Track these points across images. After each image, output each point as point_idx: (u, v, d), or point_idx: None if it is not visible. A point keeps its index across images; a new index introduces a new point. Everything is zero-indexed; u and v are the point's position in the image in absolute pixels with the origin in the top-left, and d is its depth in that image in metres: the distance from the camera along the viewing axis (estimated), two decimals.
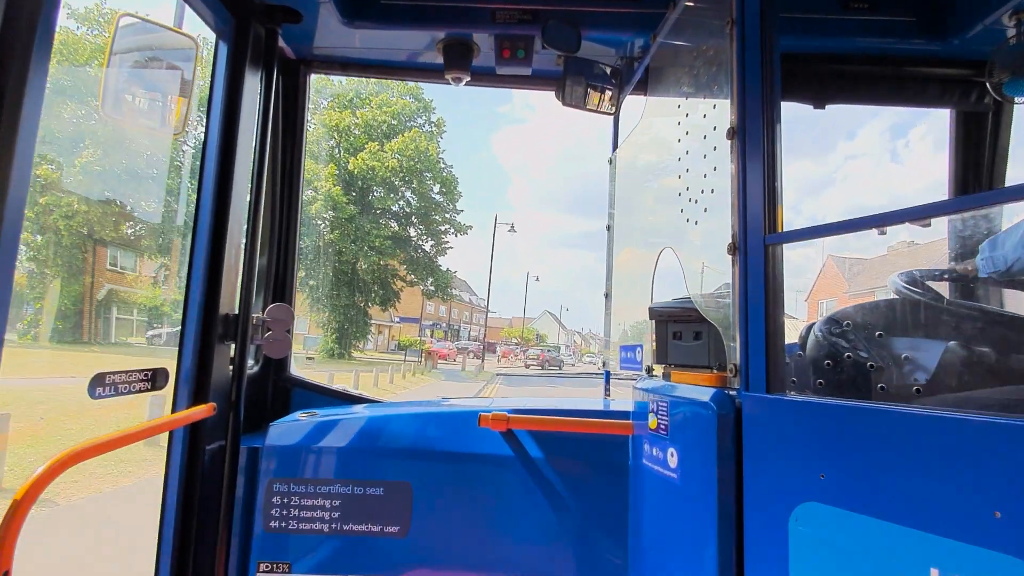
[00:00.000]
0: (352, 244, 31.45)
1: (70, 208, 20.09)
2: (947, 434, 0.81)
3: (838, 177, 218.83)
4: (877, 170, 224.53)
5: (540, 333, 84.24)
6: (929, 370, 1.18)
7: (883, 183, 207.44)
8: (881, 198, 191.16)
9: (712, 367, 1.46)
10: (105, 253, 22.06)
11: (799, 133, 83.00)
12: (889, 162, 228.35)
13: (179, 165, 20.68)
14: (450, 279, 38.74)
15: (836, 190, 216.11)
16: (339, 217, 30.67)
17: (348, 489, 1.85)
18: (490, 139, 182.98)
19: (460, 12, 2.05)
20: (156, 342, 22.07)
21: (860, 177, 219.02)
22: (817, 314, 29.83)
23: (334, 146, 34.19)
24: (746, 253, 1.22)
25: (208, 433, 1.77)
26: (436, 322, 69.76)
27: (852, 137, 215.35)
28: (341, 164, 32.82)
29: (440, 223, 36.72)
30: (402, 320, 58.58)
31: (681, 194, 1.60)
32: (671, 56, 1.82)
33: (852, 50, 2.09)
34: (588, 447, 1.87)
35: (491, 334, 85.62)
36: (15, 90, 0.94)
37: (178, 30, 1.96)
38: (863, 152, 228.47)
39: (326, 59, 2.31)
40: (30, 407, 9.62)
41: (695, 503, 1.30)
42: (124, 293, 22.83)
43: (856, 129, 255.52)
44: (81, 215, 20.40)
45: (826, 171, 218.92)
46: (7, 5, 0.93)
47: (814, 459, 1.01)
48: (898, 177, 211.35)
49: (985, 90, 2.05)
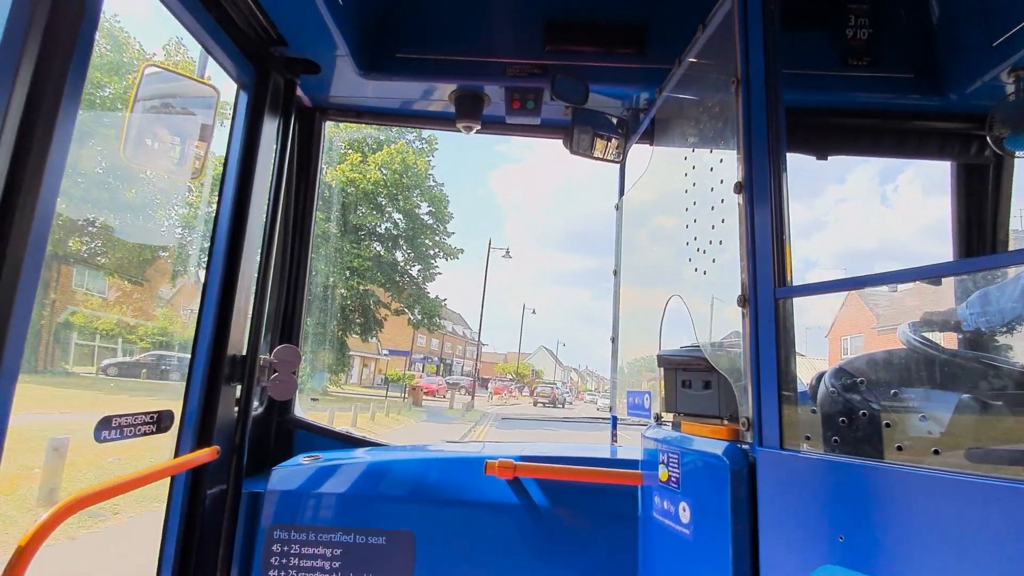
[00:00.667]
0: (327, 266, 27.61)
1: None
2: (970, 496, 0.80)
3: (829, 220, 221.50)
4: (867, 212, 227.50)
5: (536, 369, 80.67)
6: (947, 427, 1.17)
7: (873, 225, 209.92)
8: (870, 240, 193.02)
9: (723, 417, 1.45)
10: (71, 272, 20.42)
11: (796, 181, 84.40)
12: (879, 205, 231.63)
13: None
14: (438, 308, 35.62)
15: (828, 232, 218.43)
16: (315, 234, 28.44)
17: (350, 537, 1.81)
18: (488, 175, 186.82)
19: (472, 66, 2.14)
20: (110, 373, 19.67)
21: (850, 220, 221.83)
22: (841, 353, 28.80)
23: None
24: (756, 306, 1.23)
25: (210, 477, 1.74)
26: (428, 356, 66.56)
27: (842, 181, 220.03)
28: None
29: (429, 246, 33.18)
30: (391, 353, 55.03)
31: (689, 243, 1.63)
32: (676, 109, 1.88)
33: (853, 104, 2.16)
34: (596, 496, 1.83)
35: (485, 369, 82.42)
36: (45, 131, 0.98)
37: (200, 79, 2.04)
38: (853, 196, 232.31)
39: (341, 107, 2.39)
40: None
41: (708, 561, 1.26)
42: (88, 317, 21.46)
43: (846, 174, 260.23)
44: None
45: (815, 215, 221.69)
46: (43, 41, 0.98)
47: (833, 520, 0.99)
48: (888, 219, 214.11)
49: (985, 142, 2.10)
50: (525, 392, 59.38)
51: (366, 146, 31.35)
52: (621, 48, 2.12)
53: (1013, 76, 1.87)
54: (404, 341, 53.98)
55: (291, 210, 2.26)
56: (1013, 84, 1.89)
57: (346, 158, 30.61)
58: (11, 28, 0.93)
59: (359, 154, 30.97)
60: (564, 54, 2.13)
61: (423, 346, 64.25)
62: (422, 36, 2.17)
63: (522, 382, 70.65)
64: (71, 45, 1.02)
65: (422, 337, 61.86)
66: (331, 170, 29.49)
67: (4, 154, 0.93)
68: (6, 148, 0.93)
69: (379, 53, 2.15)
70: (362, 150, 31.19)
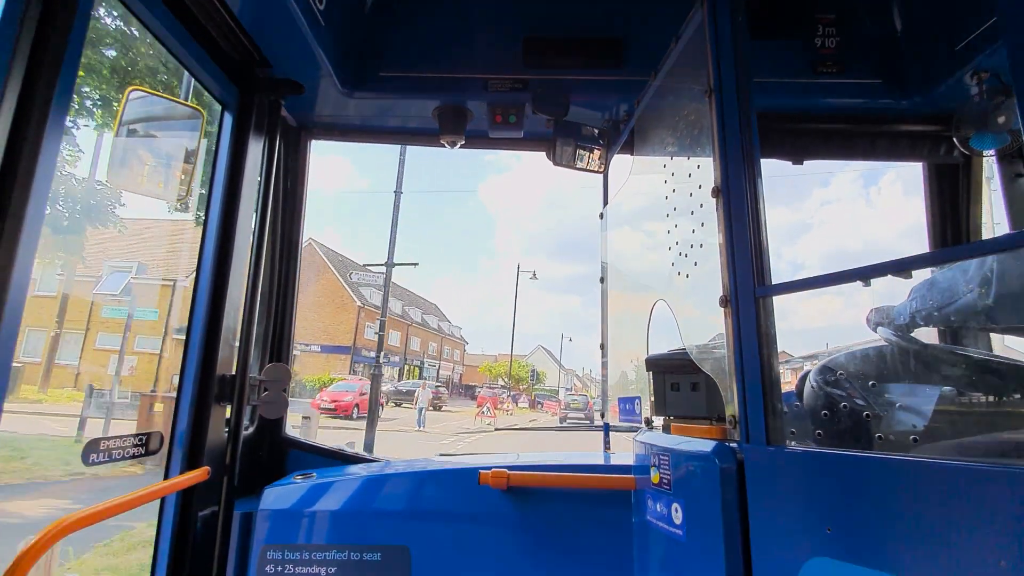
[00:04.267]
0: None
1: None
2: (950, 482, 0.82)
3: (814, 223, 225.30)
4: (851, 214, 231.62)
5: (538, 370, 64.91)
6: (925, 417, 1.20)
7: (856, 226, 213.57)
8: (855, 241, 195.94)
9: (711, 418, 1.47)
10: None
11: (778, 185, 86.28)
12: (864, 207, 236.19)
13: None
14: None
15: (813, 234, 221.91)
16: None
17: (344, 555, 1.79)
18: (477, 187, 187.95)
19: (454, 82, 2.18)
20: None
21: (835, 222, 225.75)
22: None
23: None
24: (738, 306, 1.26)
25: (201, 497, 1.72)
26: (386, 353, 44.75)
27: (826, 184, 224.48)
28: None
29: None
30: (325, 349, 42.53)
31: (671, 248, 1.66)
32: (655, 119, 1.93)
33: (825, 110, 2.22)
34: (591, 503, 1.84)
35: (468, 374, 71.04)
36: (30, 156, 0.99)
37: (184, 102, 2.06)
38: (836, 198, 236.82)
39: (326, 126, 2.41)
40: None
41: (702, 561, 1.27)
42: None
43: (829, 177, 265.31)
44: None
45: (801, 217, 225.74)
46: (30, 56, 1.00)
47: (820, 512, 1.01)
48: (870, 220, 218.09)
49: (953, 143, 2.18)
50: (523, 402, 46.22)
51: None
52: (599, 62, 2.17)
53: (975, 78, 1.95)
54: (344, 335, 42.98)
55: (278, 229, 2.27)
56: (976, 86, 1.96)
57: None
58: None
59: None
60: (544, 69, 2.18)
61: (395, 345, 49.83)
62: (404, 54, 2.21)
63: (518, 388, 55.41)
64: (57, 66, 1.04)
65: (395, 334, 49.02)
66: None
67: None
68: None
69: (362, 72, 2.18)
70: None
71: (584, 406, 30.54)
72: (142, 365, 20.13)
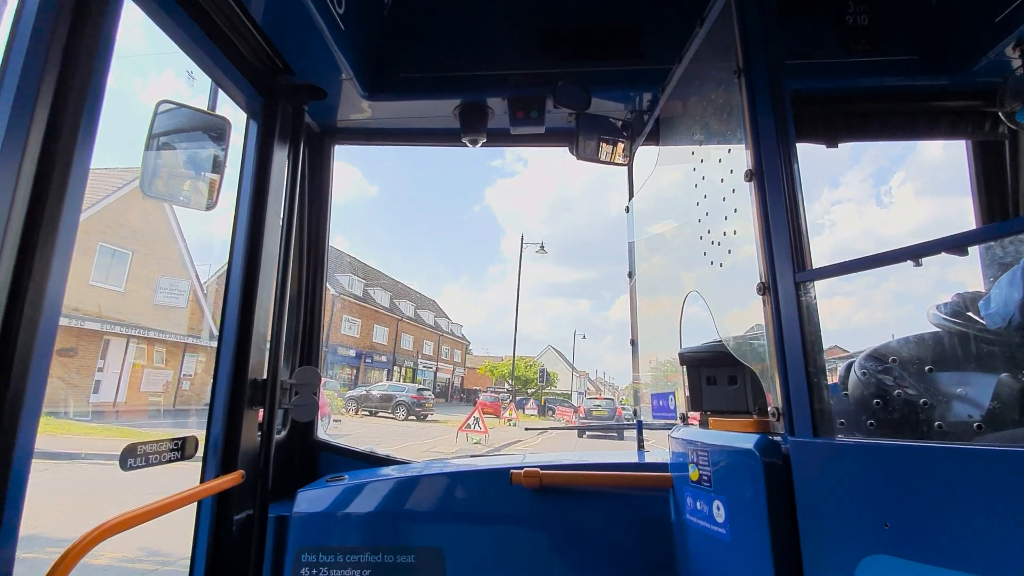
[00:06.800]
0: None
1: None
2: (1020, 470, 0.76)
3: (824, 223, 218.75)
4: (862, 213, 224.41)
5: (549, 371, 53.17)
6: (984, 405, 1.12)
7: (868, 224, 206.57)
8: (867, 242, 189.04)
9: (751, 411, 1.41)
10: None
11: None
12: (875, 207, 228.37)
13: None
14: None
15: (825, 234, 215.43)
16: None
17: (378, 557, 1.78)
18: (484, 192, 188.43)
19: (475, 80, 2.16)
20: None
21: (847, 220, 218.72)
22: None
23: None
24: (777, 292, 1.20)
25: (236, 502, 1.73)
26: (368, 352, 42.18)
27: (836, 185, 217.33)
28: None
29: None
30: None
31: (703, 238, 1.61)
32: (680, 106, 1.88)
33: (860, 89, 2.13)
34: (626, 502, 1.79)
35: (469, 377, 63.30)
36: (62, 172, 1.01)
37: (211, 112, 2.10)
38: (847, 197, 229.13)
39: (349, 130, 2.43)
40: None
41: (748, 561, 1.21)
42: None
43: (838, 178, 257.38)
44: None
45: (811, 217, 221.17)
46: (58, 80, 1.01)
47: (876, 506, 0.94)
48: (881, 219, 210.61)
49: (998, 118, 2.06)
50: (530, 408, 36.02)
51: None
52: (618, 52, 2.13)
53: (1018, 50, 1.84)
54: (332, 332, 37.54)
55: (305, 233, 2.29)
56: (1019, 58, 1.86)
57: None
58: (27, 66, 0.97)
59: None
60: (563, 62, 2.15)
61: (382, 343, 44.65)
62: (423, 55, 2.21)
63: (524, 393, 44.55)
64: (85, 85, 1.05)
65: (382, 330, 43.34)
66: None
67: (23, 192, 0.96)
68: (24, 191, 0.96)
69: (383, 75, 2.19)
70: None
71: (612, 414, 23.78)
72: None
